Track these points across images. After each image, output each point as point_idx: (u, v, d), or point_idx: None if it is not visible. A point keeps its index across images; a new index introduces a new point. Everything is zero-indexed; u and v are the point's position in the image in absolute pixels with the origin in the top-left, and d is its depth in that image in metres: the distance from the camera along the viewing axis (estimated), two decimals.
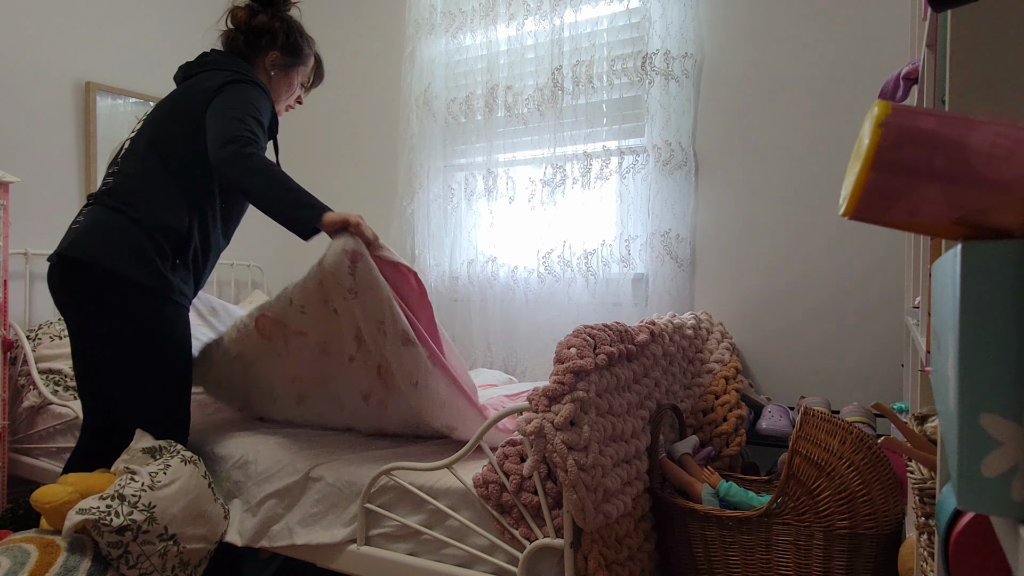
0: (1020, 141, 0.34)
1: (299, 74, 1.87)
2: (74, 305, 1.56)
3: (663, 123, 2.23)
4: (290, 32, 1.81)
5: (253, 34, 1.78)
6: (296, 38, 1.82)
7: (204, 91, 1.63)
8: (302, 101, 1.95)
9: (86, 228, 1.56)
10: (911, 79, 1.24)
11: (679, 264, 2.24)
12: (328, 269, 1.41)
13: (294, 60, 1.83)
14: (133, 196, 1.57)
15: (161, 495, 1.43)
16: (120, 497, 1.40)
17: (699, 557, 1.42)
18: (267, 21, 1.78)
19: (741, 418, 1.83)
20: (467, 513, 1.36)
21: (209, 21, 2.91)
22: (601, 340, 1.34)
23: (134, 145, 1.65)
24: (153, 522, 1.40)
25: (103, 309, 1.54)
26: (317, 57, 1.92)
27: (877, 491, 1.26)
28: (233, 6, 1.82)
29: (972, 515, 0.41)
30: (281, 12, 1.81)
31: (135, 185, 1.59)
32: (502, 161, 2.56)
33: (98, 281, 1.52)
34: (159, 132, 1.64)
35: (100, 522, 1.34)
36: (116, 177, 1.62)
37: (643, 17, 2.27)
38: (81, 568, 1.34)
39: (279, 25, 1.79)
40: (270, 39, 1.78)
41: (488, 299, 2.56)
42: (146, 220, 1.55)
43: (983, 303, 0.32)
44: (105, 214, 1.56)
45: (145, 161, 1.61)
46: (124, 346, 1.56)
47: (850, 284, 2.05)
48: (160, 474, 1.46)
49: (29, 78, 2.31)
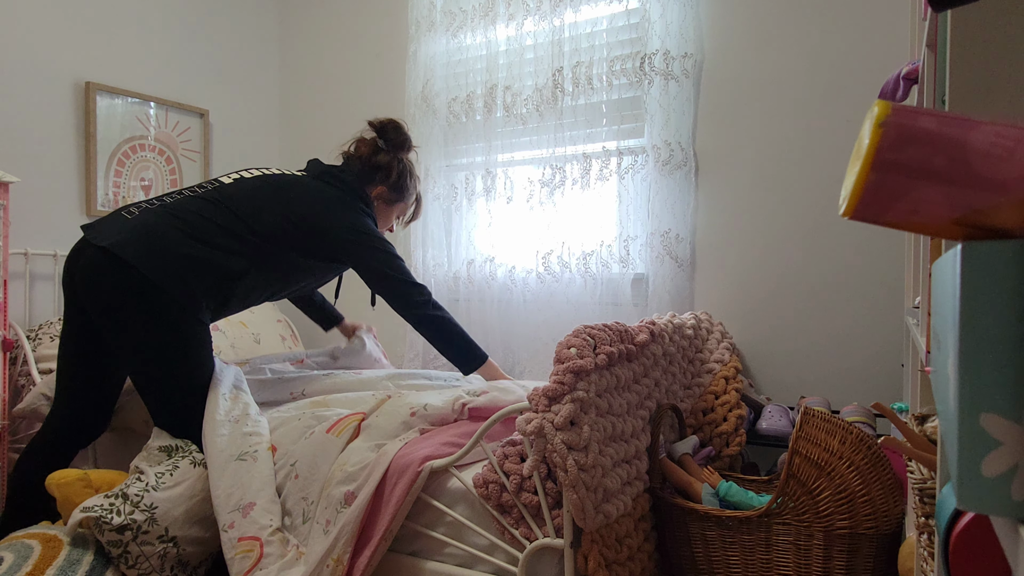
0: (1020, 141, 0.34)
1: (398, 209, 2.02)
2: (99, 296, 1.57)
3: (663, 123, 2.23)
4: (403, 173, 1.97)
5: (370, 167, 1.94)
6: (406, 180, 1.99)
7: (328, 212, 1.77)
8: (393, 230, 2.10)
9: (138, 228, 1.59)
10: (911, 79, 1.24)
11: (679, 264, 2.24)
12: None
13: (398, 197, 1.99)
14: (202, 221, 1.65)
15: (164, 496, 1.44)
16: (124, 496, 1.40)
17: (699, 557, 1.42)
18: (387, 160, 1.94)
19: (741, 418, 1.83)
20: (467, 513, 1.36)
21: (209, 21, 2.92)
22: (601, 340, 1.34)
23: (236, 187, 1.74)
24: (153, 523, 1.40)
25: (130, 311, 1.56)
26: (418, 197, 2.08)
27: (877, 491, 1.26)
28: (360, 136, 1.99)
29: (972, 515, 0.41)
30: (401, 155, 1.97)
31: (210, 214, 1.67)
32: (502, 161, 2.56)
33: (132, 283, 1.55)
34: (266, 197, 1.74)
35: (101, 520, 1.35)
36: (197, 200, 1.69)
37: (642, 17, 2.27)
38: (84, 562, 1.35)
39: (396, 165, 1.95)
40: (384, 175, 1.94)
41: (487, 299, 2.56)
42: (203, 245, 1.62)
43: (983, 303, 0.32)
44: (163, 224, 1.61)
45: (235, 204, 1.70)
46: (150, 353, 1.59)
47: (850, 284, 2.06)
48: (167, 475, 1.47)
49: (29, 78, 2.31)
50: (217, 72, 2.94)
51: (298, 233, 1.74)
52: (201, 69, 2.88)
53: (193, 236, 1.61)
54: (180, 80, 2.79)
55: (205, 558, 1.51)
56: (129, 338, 1.58)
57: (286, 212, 1.73)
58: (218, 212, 1.67)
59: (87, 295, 1.58)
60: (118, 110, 2.56)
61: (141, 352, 1.59)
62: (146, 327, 1.57)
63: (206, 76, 2.89)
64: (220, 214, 1.67)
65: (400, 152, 1.98)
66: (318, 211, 1.76)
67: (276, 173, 1.83)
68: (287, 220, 1.73)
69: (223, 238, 1.65)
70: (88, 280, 1.57)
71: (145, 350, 1.59)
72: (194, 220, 1.64)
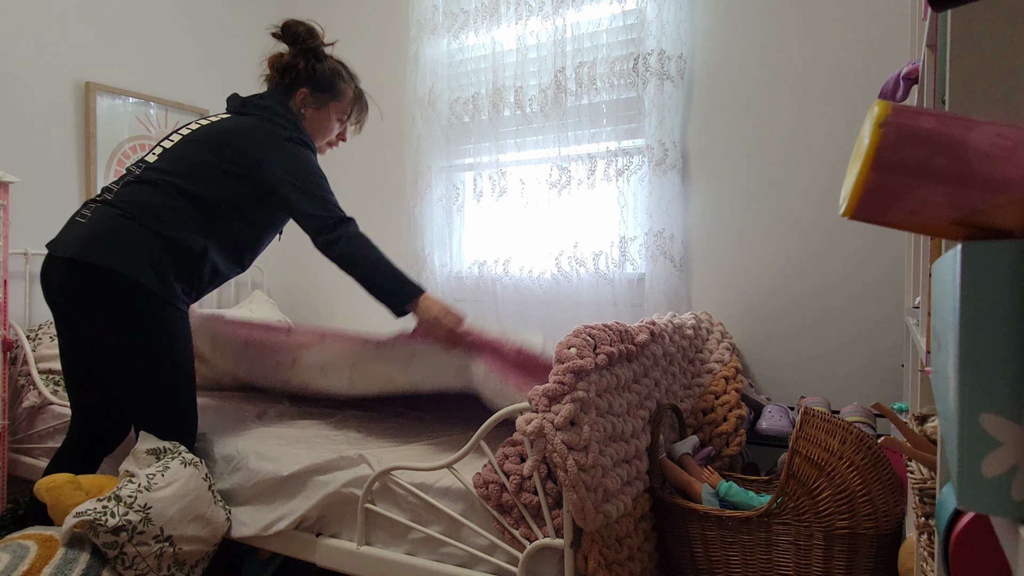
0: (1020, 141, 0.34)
1: (334, 110, 1.85)
2: (83, 307, 1.56)
3: (658, 123, 2.23)
4: (321, 69, 1.80)
5: (280, 73, 1.80)
6: (325, 73, 1.81)
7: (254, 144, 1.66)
8: (345, 138, 1.94)
9: (94, 230, 1.56)
10: (911, 79, 1.24)
11: (674, 264, 2.24)
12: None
13: (326, 96, 1.82)
14: (150, 207, 1.58)
15: (157, 496, 1.43)
16: (117, 498, 1.40)
17: (699, 557, 1.42)
18: (290, 60, 1.79)
19: (741, 418, 1.83)
20: (467, 513, 1.36)
21: (209, 21, 2.92)
22: (601, 340, 1.34)
23: (164, 158, 1.66)
24: (148, 523, 1.40)
25: (108, 310, 1.54)
26: (358, 92, 1.90)
27: (877, 491, 1.26)
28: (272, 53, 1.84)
29: (972, 515, 0.41)
30: (304, 47, 1.80)
31: (155, 199, 1.60)
32: (506, 162, 2.56)
33: (103, 283, 1.53)
34: (195, 155, 1.65)
35: (96, 522, 1.35)
36: (135, 185, 1.62)
37: (639, 17, 2.28)
38: (80, 561, 1.35)
39: (302, 63, 1.79)
40: (294, 77, 1.79)
41: (495, 300, 2.56)
42: (159, 231, 1.57)
43: (983, 303, 0.32)
44: (116, 219, 1.57)
45: (172, 179, 1.62)
46: (128, 348, 1.57)
47: (850, 285, 2.05)
48: (158, 476, 1.46)
49: (29, 78, 2.31)
50: (217, 72, 2.94)
51: (236, 181, 1.64)
52: (201, 69, 2.87)
53: (146, 224, 1.56)
54: (180, 80, 2.79)
55: (202, 557, 1.51)
56: (107, 337, 1.56)
57: (217, 164, 1.64)
58: (157, 191, 1.60)
59: (68, 308, 1.57)
60: (118, 110, 2.56)
61: (116, 346, 1.56)
62: (117, 320, 1.54)
63: (206, 76, 2.89)
64: (160, 193, 1.60)
65: (311, 47, 1.80)
66: (242, 145, 1.65)
67: (195, 128, 1.72)
68: (221, 172, 1.64)
69: (174, 215, 1.59)
70: (64, 293, 1.56)
71: (119, 342, 1.56)
72: (145, 206, 1.58)
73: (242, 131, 1.68)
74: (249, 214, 1.69)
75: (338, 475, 1.50)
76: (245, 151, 1.65)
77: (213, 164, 1.64)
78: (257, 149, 1.65)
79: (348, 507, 1.50)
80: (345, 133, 1.94)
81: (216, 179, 1.63)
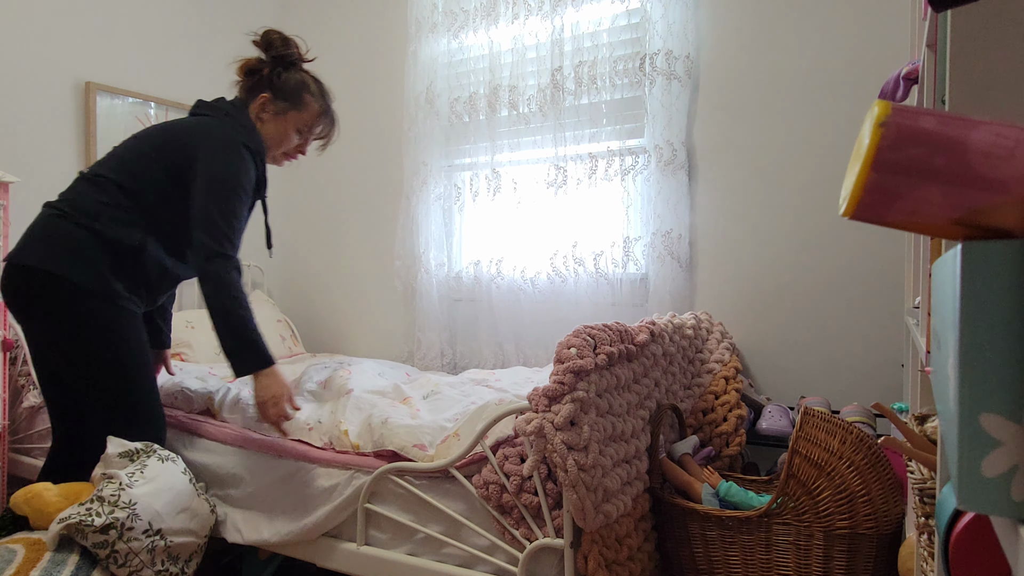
0: (1020, 141, 0.34)
1: (292, 120, 1.77)
2: (25, 311, 1.54)
3: (664, 123, 2.23)
4: (289, 79, 1.75)
5: (246, 76, 1.76)
6: (290, 82, 1.75)
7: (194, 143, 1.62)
8: (304, 151, 1.86)
9: (32, 232, 1.55)
10: (911, 79, 1.24)
11: (680, 264, 2.24)
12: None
13: (289, 105, 1.75)
14: (85, 205, 1.56)
15: (141, 492, 1.42)
16: (100, 499, 1.38)
17: (699, 557, 1.42)
18: (256, 64, 1.75)
19: (741, 418, 1.83)
20: (467, 513, 1.36)
21: (209, 21, 2.92)
22: (601, 340, 1.34)
23: (109, 156, 1.64)
24: (136, 518, 1.38)
25: (45, 311, 1.52)
26: (326, 109, 1.83)
27: (877, 491, 1.26)
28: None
29: (972, 515, 0.41)
30: (274, 54, 1.75)
31: (91, 197, 1.57)
32: (504, 161, 2.56)
33: (38, 283, 1.50)
34: (135, 152, 1.63)
35: (83, 523, 1.33)
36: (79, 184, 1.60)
37: (643, 17, 2.27)
38: (69, 562, 1.33)
39: (267, 69, 1.74)
40: (258, 81, 1.74)
41: (492, 299, 2.56)
42: (93, 228, 1.54)
43: (983, 303, 0.32)
44: (50, 219, 1.55)
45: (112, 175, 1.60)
46: (70, 348, 1.54)
47: (850, 284, 2.05)
48: (137, 474, 1.44)
49: (29, 78, 2.31)
50: (217, 72, 2.94)
51: (169, 177, 1.60)
52: (201, 69, 2.87)
53: (78, 221, 1.54)
54: (180, 80, 2.79)
55: (195, 550, 1.49)
56: (49, 337, 1.54)
57: (155, 159, 1.61)
58: (95, 189, 1.58)
59: (15, 315, 1.56)
60: (118, 110, 2.56)
61: (57, 346, 1.54)
62: (55, 320, 1.52)
63: (206, 76, 2.89)
64: (97, 191, 1.58)
65: (281, 54, 1.75)
66: (182, 145, 1.62)
67: (149, 126, 1.71)
68: (160, 168, 1.61)
69: (108, 211, 1.56)
70: (8, 301, 1.54)
71: (59, 342, 1.54)
72: (80, 204, 1.56)
73: (188, 130, 1.66)
74: (185, 211, 1.64)
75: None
76: (184, 149, 1.62)
77: (152, 159, 1.61)
78: (196, 147, 1.61)
79: (348, 507, 1.50)
80: (305, 147, 1.86)
81: (154, 175, 1.60)
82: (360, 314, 3.00)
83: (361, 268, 3.00)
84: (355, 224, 3.02)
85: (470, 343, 2.67)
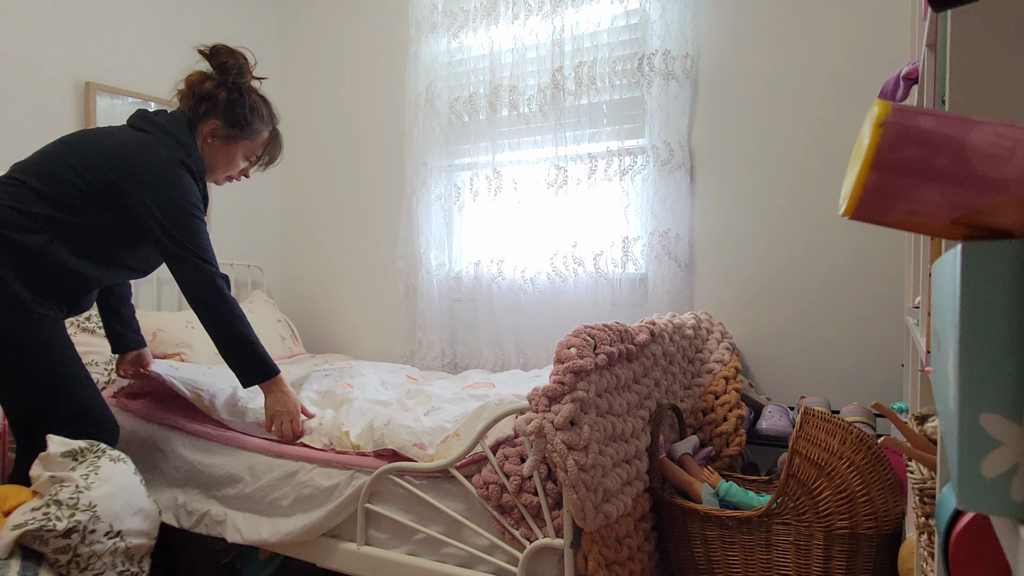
0: (1020, 141, 0.34)
1: (243, 148, 1.77)
2: None
3: (663, 123, 2.23)
4: (240, 105, 1.72)
5: (196, 99, 1.71)
6: (246, 112, 1.73)
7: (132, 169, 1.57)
8: (248, 175, 1.86)
9: None
10: (911, 79, 1.24)
11: (679, 264, 2.25)
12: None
13: (239, 133, 1.74)
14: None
15: (100, 494, 1.37)
16: (56, 503, 1.33)
17: (699, 557, 1.42)
18: (212, 89, 1.70)
19: (741, 418, 1.83)
20: (467, 513, 1.36)
21: (209, 21, 2.92)
22: (601, 340, 1.34)
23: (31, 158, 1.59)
24: (97, 520, 1.35)
25: None
26: (274, 134, 1.83)
27: (877, 491, 1.26)
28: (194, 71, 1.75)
29: (972, 515, 0.41)
30: (230, 81, 1.71)
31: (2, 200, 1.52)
32: (505, 161, 2.56)
33: None
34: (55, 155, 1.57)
35: (43, 529, 1.28)
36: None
37: (642, 17, 2.27)
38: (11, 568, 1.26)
39: (223, 95, 1.71)
40: (211, 107, 1.71)
41: (493, 299, 2.56)
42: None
43: (983, 303, 0.32)
44: None
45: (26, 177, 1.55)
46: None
47: (850, 284, 2.06)
48: (92, 475, 1.40)
49: (29, 78, 2.31)
50: None
51: (99, 192, 1.55)
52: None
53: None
54: (180, 80, 2.79)
55: (146, 552, 1.46)
56: None
57: (79, 168, 1.54)
58: (6, 193, 1.52)
59: None
60: (118, 110, 2.56)
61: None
62: None
63: None
64: (4, 194, 1.52)
65: (233, 80, 1.71)
66: (110, 158, 1.56)
67: (80, 130, 1.64)
68: (82, 178, 1.54)
69: (13, 216, 1.49)
70: None
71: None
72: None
73: (122, 147, 1.59)
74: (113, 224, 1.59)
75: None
76: (114, 166, 1.56)
77: (70, 165, 1.55)
78: (131, 168, 1.56)
79: (348, 507, 1.50)
80: (249, 170, 1.86)
81: (76, 185, 1.54)
82: (360, 314, 3.00)
83: (361, 268, 3.00)
84: (355, 224, 3.02)
85: (470, 343, 2.67)
